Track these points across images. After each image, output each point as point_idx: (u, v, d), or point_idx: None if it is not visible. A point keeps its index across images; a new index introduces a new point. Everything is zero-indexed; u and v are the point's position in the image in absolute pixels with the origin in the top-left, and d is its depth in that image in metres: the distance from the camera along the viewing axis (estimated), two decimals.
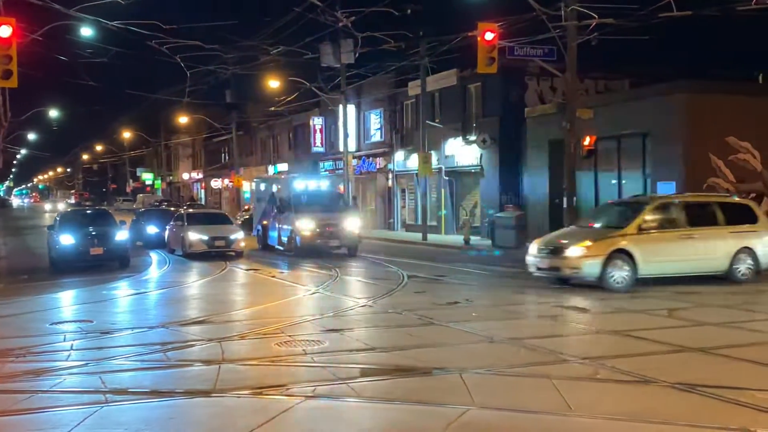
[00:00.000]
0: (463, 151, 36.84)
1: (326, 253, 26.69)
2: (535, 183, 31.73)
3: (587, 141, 25.23)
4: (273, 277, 21.31)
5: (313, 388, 8.77)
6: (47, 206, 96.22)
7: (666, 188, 25.36)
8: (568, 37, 24.30)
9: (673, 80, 26.60)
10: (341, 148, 42.40)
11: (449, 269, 22.11)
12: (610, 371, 9.35)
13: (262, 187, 33.16)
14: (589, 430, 7.29)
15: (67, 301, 17.55)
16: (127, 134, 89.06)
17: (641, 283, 16.77)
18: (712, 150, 25.09)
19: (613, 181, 28.98)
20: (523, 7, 24.03)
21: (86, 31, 27.16)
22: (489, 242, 30.07)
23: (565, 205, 25.57)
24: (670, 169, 25.55)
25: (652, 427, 7.22)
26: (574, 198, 25.61)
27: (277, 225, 28.37)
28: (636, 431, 7.19)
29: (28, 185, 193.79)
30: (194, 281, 20.93)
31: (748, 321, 12.60)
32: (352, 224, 27.14)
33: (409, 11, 31.45)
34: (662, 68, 30.35)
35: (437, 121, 37.78)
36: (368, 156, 46.20)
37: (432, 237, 34.51)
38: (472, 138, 35.57)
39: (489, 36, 21.90)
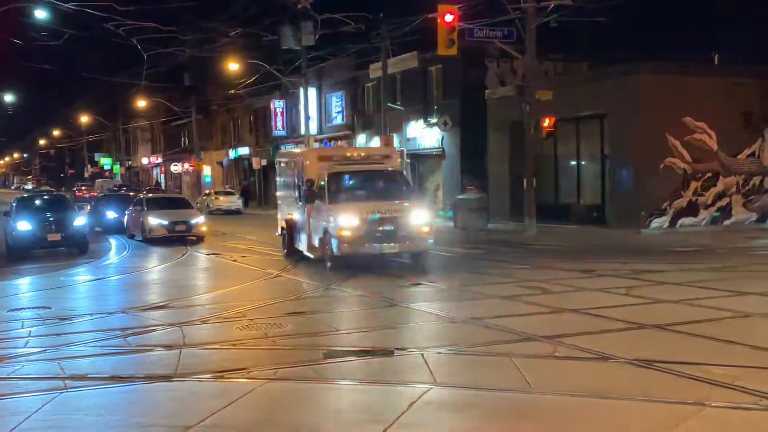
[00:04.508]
0: (425, 134, 36.90)
1: (379, 263, 18.06)
2: (497, 165, 31.91)
3: (546, 123, 25.46)
4: (235, 261, 21.20)
5: (275, 371, 8.77)
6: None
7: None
8: (528, 19, 24.47)
9: (630, 62, 26.88)
10: (303, 132, 42.23)
11: None
12: (569, 349, 9.48)
13: (288, 165, 21.97)
14: (548, 406, 7.39)
15: (24, 287, 17.31)
16: (84, 119, 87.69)
17: (597, 261, 16.97)
18: (669, 130, 25.48)
19: (572, 163, 29.29)
20: None
21: (40, 14, 26.70)
22: (451, 224, 30.21)
23: (525, 187, 25.80)
24: (628, 150, 25.86)
25: (610, 403, 7.35)
26: (535, 179, 25.85)
27: (306, 221, 19.15)
28: (594, 407, 7.31)
29: None
30: (154, 266, 20.75)
31: (705, 298, 12.84)
32: (420, 218, 17.45)
33: None
34: (620, 50, 30.62)
35: (399, 103, 37.77)
36: (330, 139, 46.06)
37: None
38: (434, 120, 35.64)
39: (449, 18, 21.98)
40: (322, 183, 18.01)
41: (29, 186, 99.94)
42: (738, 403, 7.15)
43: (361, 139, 42.55)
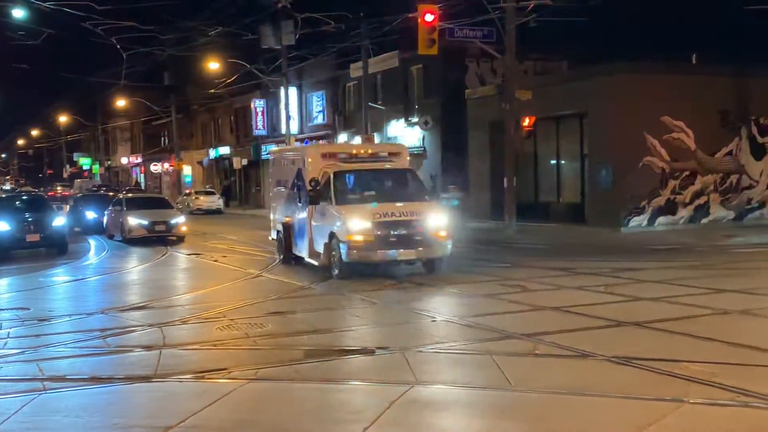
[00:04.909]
0: (406, 133, 36.93)
1: (390, 270, 16.59)
2: (478, 164, 31.99)
3: (526, 122, 25.55)
4: (215, 261, 21.12)
5: (256, 371, 8.75)
6: None
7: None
8: (507, 19, 24.53)
9: (609, 61, 27.02)
10: (284, 131, 42.14)
11: None
12: (549, 346, 9.52)
13: (285, 162, 20.12)
14: (528, 403, 7.42)
15: (2, 288, 17.13)
16: (63, 118, 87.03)
17: (576, 260, 17.05)
18: (647, 130, 25.64)
19: (552, 161, 29.41)
20: None
21: (18, 13, 26.47)
22: None
23: (505, 185, 25.88)
24: (607, 149, 26.01)
25: (589, 400, 7.39)
26: (515, 178, 25.94)
27: (307, 224, 17.43)
28: (574, 404, 7.34)
29: None
30: (134, 266, 20.63)
31: (683, 295, 12.93)
32: (437, 221, 15.90)
33: None
34: (599, 50, 30.79)
35: (379, 103, 37.79)
36: (311, 138, 45.98)
37: None
38: (415, 120, 35.70)
39: (429, 17, 22.00)
40: (328, 182, 16.38)
41: (7, 186, 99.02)
42: (716, 399, 7.21)
43: (342, 138, 42.50)
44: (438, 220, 15.85)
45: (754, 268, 16.85)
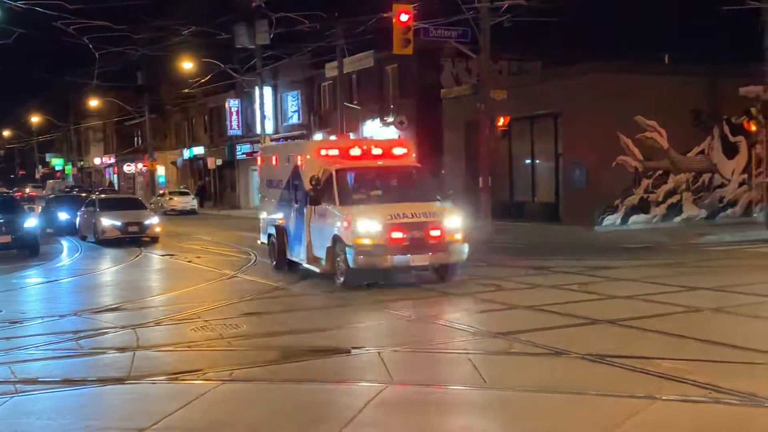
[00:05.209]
0: (382, 133, 36.93)
1: (398, 277, 15.31)
2: (453, 163, 32.07)
3: (501, 122, 25.66)
4: (190, 262, 21.00)
5: (231, 372, 8.71)
6: None
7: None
8: (482, 19, 24.61)
9: (583, 61, 27.21)
10: (258, 131, 42.01)
11: None
12: (524, 345, 9.57)
13: (276, 160, 18.71)
14: (502, 401, 7.45)
15: None
16: (35, 119, 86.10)
17: (551, 258, 17.14)
18: (620, 129, 25.86)
19: (527, 161, 29.56)
20: None
21: None
22: None
23: (480, 185, 25.96)
24: (580, 149, 26.19)
25: (563, 398, 7.43)
26: (490, 177, 26.03)
27: (306, 227, 15.88)
28: (548, 402, 7.38)
29: None
30: (107, 268, 20.46)
31: (656, 293, 13.05)
32: (453, 223, 14.59)
33: None
34: (573, 49, 30.96)
35: (355, 102, 37.77)
36: (286, 138, 45.82)
37: None
38: (390, 119, 35.72)
39: (404, 17, 22.02)
40: (330, 181, 14.87)
41: None
42: (688, 396, 7.28)
43: (317, 138, 42.40)
44: (454, 222, 14.49)
45: (727, 266, 17.06)
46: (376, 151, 16.26)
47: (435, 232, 14.16)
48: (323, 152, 16.07)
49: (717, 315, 11.32)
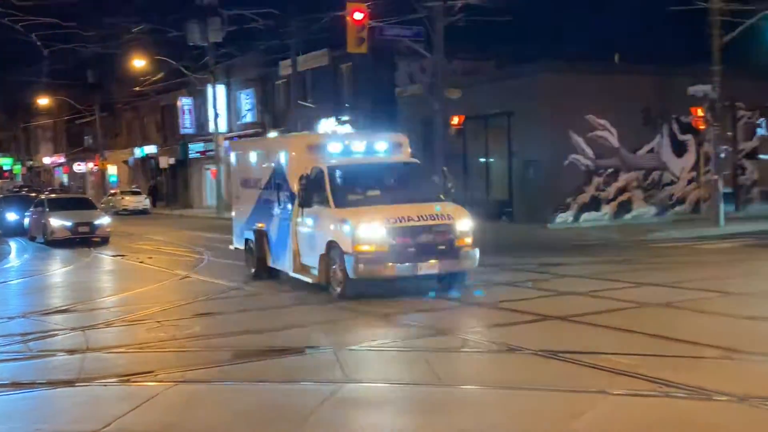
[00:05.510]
0: (337, 132, 36.83)
1: (401, 286, 13.43)
2: None
3: (456, 120, 25.79)
4: (142, 263, 20.73)
5: (183, 373, 8.62)
6: None
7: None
8: (436, 18, 24.69)
9: (535, 61, 27.47)
10: (212, 129, 41.65)
11: None
12: (478, 342, 9.64)
13: (254, 159, 16.93)
14: (457, 398, 7.51)
15: None
16: None
17: (504, 256, 17.28)
18: (572, 128, 26.19)
19: (482, 159, 29.76)
20: None
21: None
22: None
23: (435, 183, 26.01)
24: (533, 148, 26.44)
25: (516, 393, 7.51)
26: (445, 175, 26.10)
27: (292, 232, 14.21)
28: (502, 398, 7.46)
29: None
30: (57, 269, 20.12)
31: (606, 290, 13.24)
32: (462, 225, 13.11)
33: None
34: (526, 49, 31.24)
35: (310, 101, 37.63)
36: (240, 137, 45.45)
37: None
38: (345, 118, 35.65)
39: (358, 16, 21.99)
40: (321, 180, 13.38)
41: None
42: (638, 390, 7.40)
43: (272, 137, 42.19)
44: (463, 225, 12.97)
45: (675, 262, 17.38)
46: (370, 146, 14.56)
47: (446, 236, 12.70)
48: (310, 148, 14.39)
49: (666, 310, 11.50)
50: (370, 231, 12.35)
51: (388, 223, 12.42)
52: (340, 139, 15.00)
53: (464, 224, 12.97)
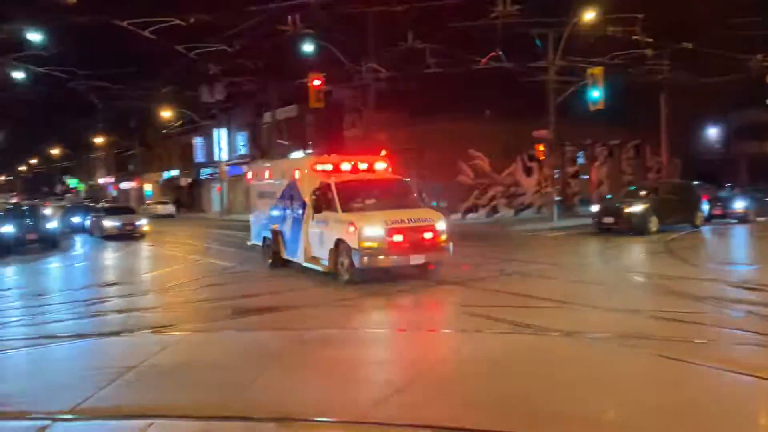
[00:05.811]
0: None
1: (397, 273, 11.97)
2: None
3: (383, 152, 25.71)
4: (168, 251, 20.09)
5: (196, 325, 8.44)
6: None
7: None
8: (370, 85, 24.69)
9: (437, 114, 27.69)
10: (216, 159, 40.73)
11: None
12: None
13: (268, 176, 15.09)
14: (371, 340, 7.45)
15: (10, 273, 15.62)
16: (55, 151, 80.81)
17: None
18: (460, 158, 26.48)
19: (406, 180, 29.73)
20: (340, 61, 24.26)
21: (18, 74, 24.26)
22: None
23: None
24: (436, 172, 26.64)
25: (433, 335, 7.48)
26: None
27: (303, 231, 12.91)
28: (411, 337, 7.41)
29: None
30: (109, 255, 19.36)
31: (482, 263, 13.30)
32: (441, 226, 11.87)
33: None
34: (431, 105, 31.33)
35: (285, 140, 37.18)
36: (237, 164, 44.71)
37: None
38: (310, 152, 35.36)
39: (317, 82, 21.77)
40: (330, 192, 12.13)
41: (14, 200, 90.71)
42: (503, 330, 7.48)
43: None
44: (441, 225, 11.83)
45: (528, 244, 17.64)
46: (363, 165, 13.36)
47: (429, 234, 11.60)
48: (317, 167, 13.05)
49: (523, 278, 11.54)
50: (372, 231, 11.27)
51: (386, 224, 11.31)
52: (339, 160, 13.35)
53: (441, 225, 11.85)
